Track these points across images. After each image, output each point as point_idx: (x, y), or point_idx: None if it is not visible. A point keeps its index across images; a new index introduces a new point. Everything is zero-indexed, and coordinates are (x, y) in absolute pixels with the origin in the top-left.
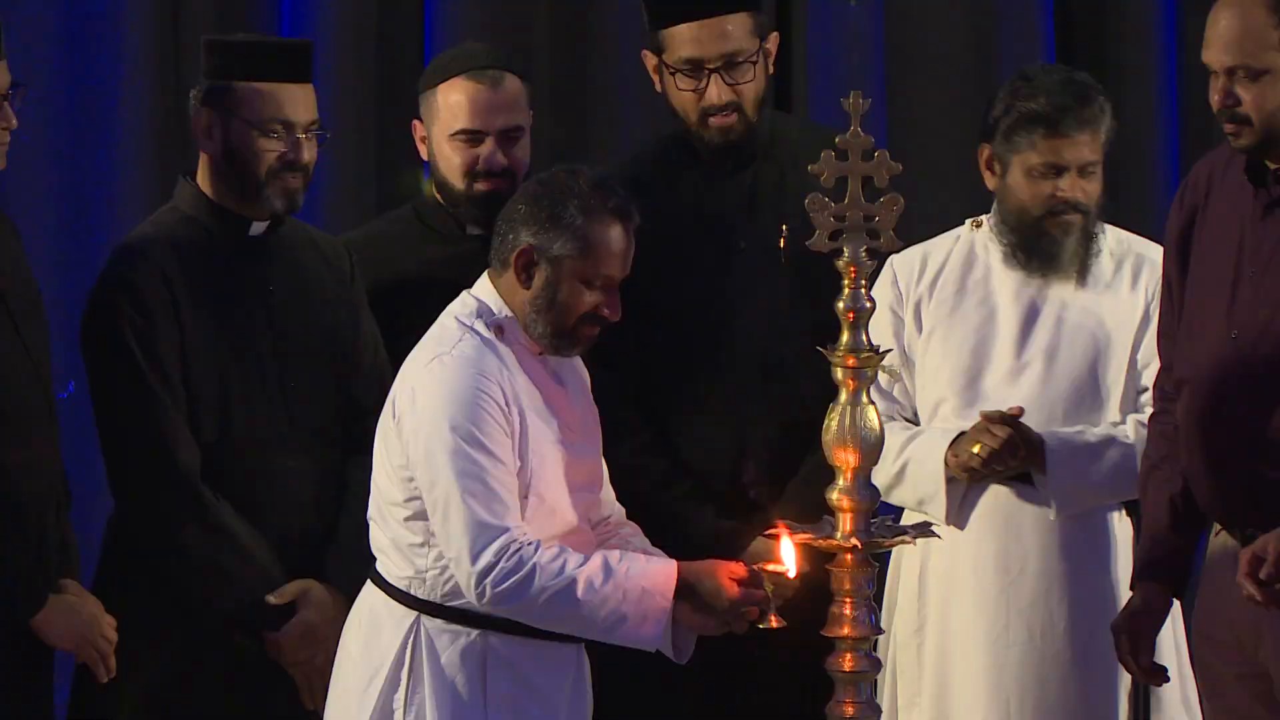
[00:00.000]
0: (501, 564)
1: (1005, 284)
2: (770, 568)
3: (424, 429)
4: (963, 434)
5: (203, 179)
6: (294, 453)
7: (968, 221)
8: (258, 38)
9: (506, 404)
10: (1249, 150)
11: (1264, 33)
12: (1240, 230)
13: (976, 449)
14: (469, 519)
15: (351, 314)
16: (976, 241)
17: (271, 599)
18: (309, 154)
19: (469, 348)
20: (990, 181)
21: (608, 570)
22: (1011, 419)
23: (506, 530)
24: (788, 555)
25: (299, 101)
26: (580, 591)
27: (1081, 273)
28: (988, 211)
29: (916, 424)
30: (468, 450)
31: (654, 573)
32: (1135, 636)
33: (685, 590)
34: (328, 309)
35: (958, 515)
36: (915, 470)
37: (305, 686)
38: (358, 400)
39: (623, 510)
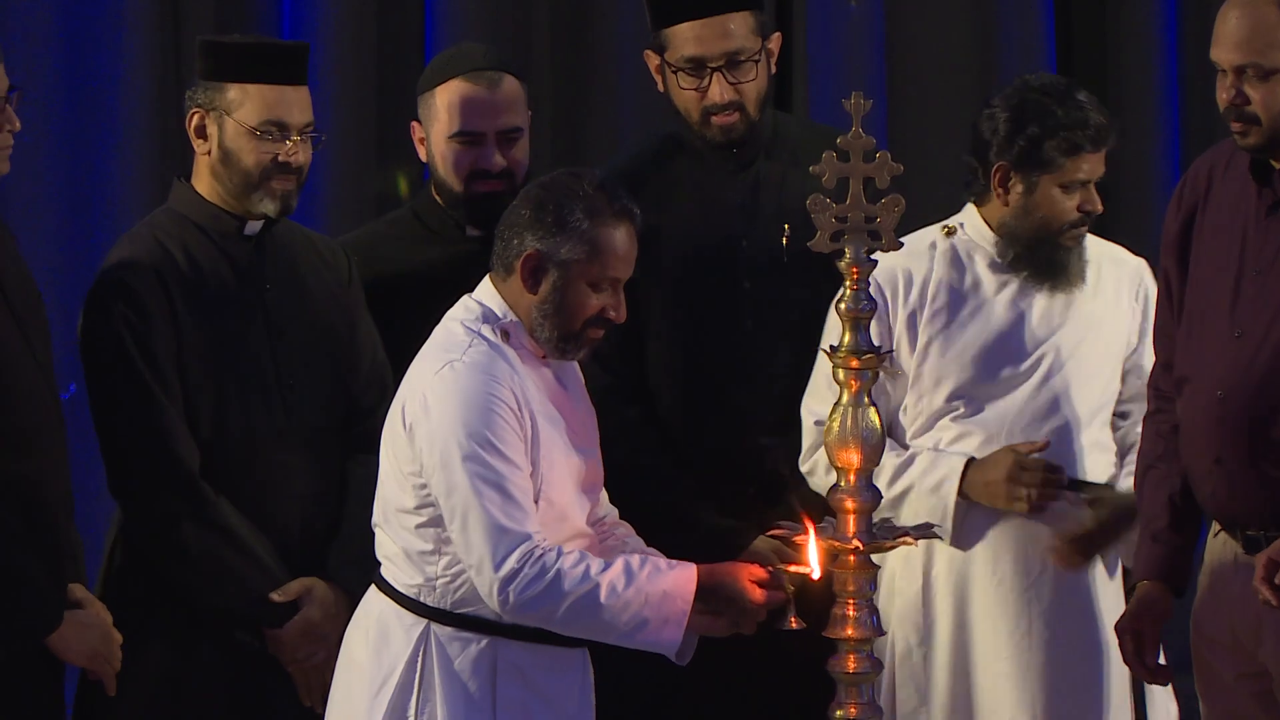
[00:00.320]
0: (525, 570)
1: (997, 293)
2: (793, 569)
3: (438, 436)
4: (973, 460)
5: (197, 180)
6: (292, 450)
7: (939, 228)
8: (253, 39)
9: (519, 408)
10: (1255, 150)
11: (1274, 31)
12: (1243, 229)
13: (1025, 493)
14: (489, 526)
15: (349, 314)
16: (958, 249)
17: (275, 596)
18: (303, 156)
19: (479, 353)
20: (1002, 198)
21: (629, 574)
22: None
23: (528, 537)
24: (813, 556)
25: (294, 103)
26: (603, 596)
27: (1079, 280)
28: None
29: (893, 434)
30: (484, 456)
31: (674, 576)
32: (1140, 637)
33: (704, 593)
34: (325, 308)
35: (960, 538)
36: (919, 498)
37: (304, 684)
38: (357, 400)
39: (616, 511)
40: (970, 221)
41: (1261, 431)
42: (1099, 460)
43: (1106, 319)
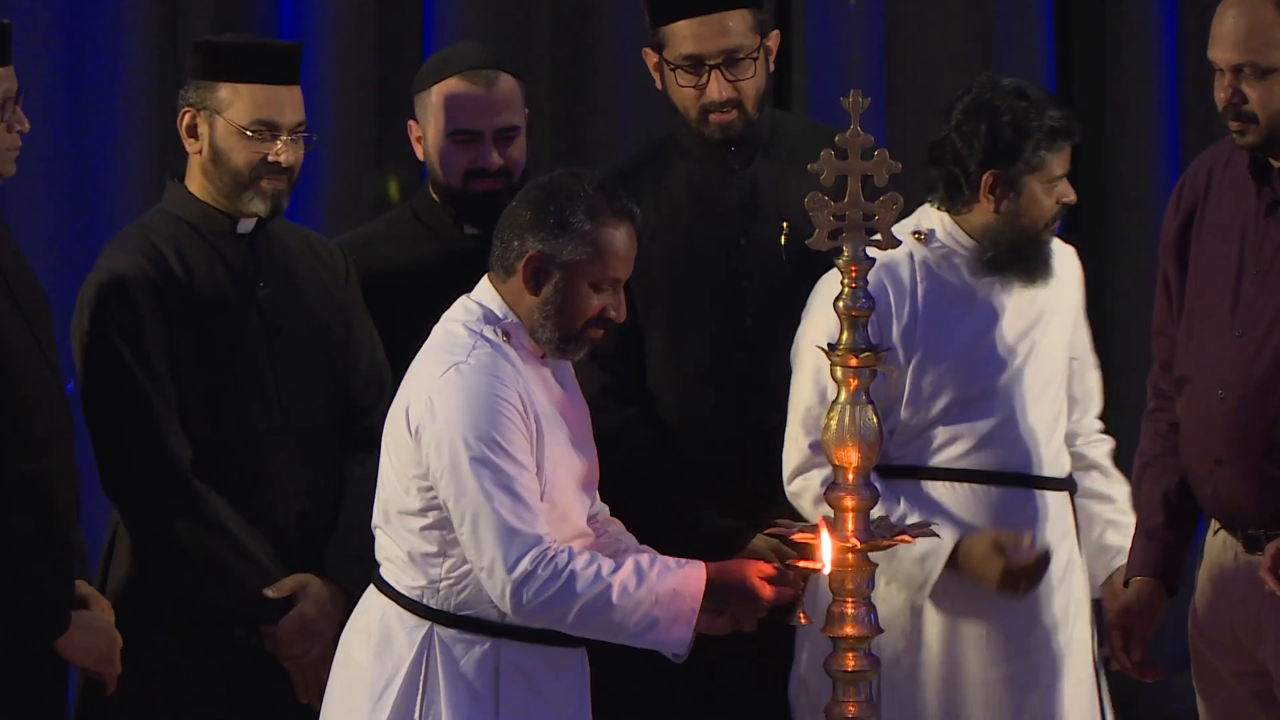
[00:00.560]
0: (539, 572)
1: (980, 298)
2: (802, 564)
3: (446, 439)
4: (961, 543)
5: (190, 180)
6: (288, 447)
7: (908, 234)
8: (245, 39)
9: (524, 410)
10: (1254, 148)
11: (1271, 30)
12: (1242, 228)
13: (1021, 588)
14: (500, 528)
15: (346, 313)
16: (934, 255)
17: (269, 592)
18: (294, 156)
19: (484, 355)
20: (992, 205)
21: (640, 574)
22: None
23: (540, 539)
24: (826, 551)
25: (285, 103)
26: (615, 597)
27: (1052, 273)
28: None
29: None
30: (493, 459)
31: (684, 574)
32: (1129, 632)
33: (713, 591)
34: (321, 307)
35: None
36: (902, 563)
37: (301, 681)
38: (355, 399)
39: (606, 508)
40: (941, 227)
41: (1262, 431)
42: (1067, 454)
43: (1060, 309)
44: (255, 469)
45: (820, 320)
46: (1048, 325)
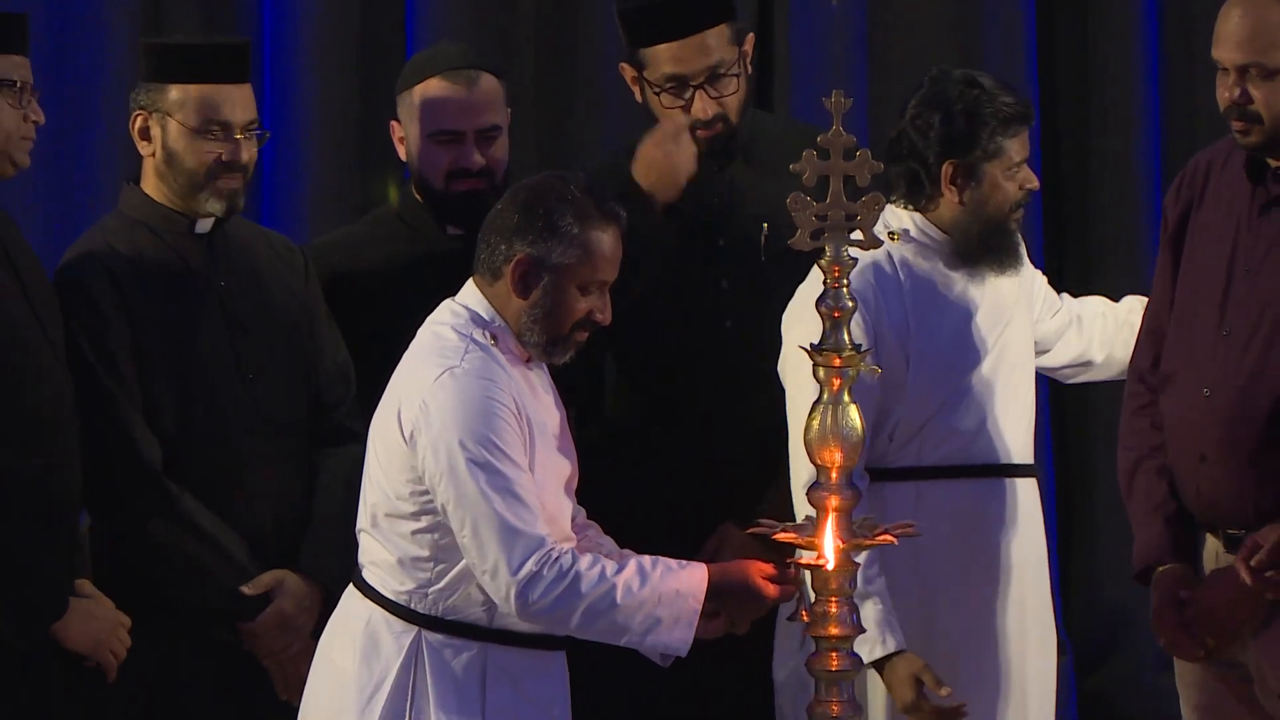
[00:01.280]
0: (544, 573)
1: (961, 294)
2: (805, 560)
3: (443, 443)
4: (894, 655)
5: (145, 182)
6: (258, 443)
7: (885, 235)
8: (193, 39)
9: (518, 412)
10: (1255, 148)
11: (1277, 31)
12: (1236, 226)
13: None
14: (503, 530)
15: (307, 310)
16: (909, 254)
17: (246, 589)
18: (247, 154)
19: (477, 359)
20: (955, 196)
21: (643, 574)
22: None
23: (542, 540)
24: (828, 545)
25: (236, 102)
26: (619, 597)
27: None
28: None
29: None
30: (492, 462)
31: (686, 575)
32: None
33: (716, 591)
34: (283, 304)
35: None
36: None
37: (280, 677)
38: (321, 396)
39: (584, 510)
40: (913, 226)
41: (1247, 430)
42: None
43: (1021, 298)
44: (226, 468)
45: (808, 328)
46: (1016, 314)
